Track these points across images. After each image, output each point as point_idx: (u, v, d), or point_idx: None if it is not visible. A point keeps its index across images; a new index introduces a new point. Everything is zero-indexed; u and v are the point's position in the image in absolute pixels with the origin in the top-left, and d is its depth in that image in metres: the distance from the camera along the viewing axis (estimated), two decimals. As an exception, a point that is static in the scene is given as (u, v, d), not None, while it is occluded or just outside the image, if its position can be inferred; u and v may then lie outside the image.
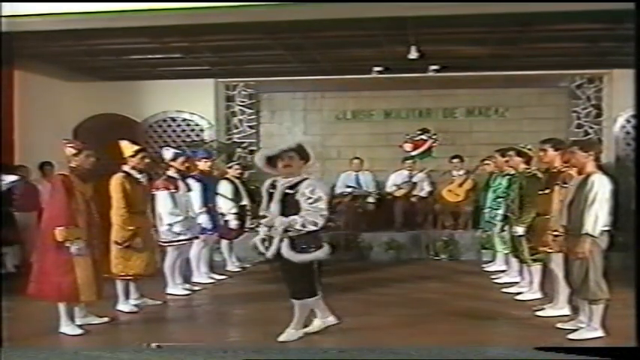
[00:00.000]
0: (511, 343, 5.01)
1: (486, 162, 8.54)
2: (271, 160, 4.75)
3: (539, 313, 5.70)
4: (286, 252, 4.66)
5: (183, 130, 10.90)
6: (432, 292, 6.97)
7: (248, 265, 8.70)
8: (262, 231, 4.84)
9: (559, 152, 5.69)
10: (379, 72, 10.05)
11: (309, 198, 4.62)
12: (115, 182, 5.86)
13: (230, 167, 8.49)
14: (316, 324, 5.09)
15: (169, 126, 10.99)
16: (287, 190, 4.69)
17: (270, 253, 4.74)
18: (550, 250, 5.57)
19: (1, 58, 6.86)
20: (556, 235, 5.24)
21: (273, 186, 4.81)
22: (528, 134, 9.40)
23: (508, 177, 7.04)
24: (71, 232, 5.03)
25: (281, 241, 4.67)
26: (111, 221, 5.83)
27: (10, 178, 8.44)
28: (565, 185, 5.34)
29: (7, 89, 9.13)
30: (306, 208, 4.61)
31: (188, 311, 6.26)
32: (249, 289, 7.28)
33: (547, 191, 5.66)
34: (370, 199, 9.98)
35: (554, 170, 5.67)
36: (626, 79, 6.91)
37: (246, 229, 8.56)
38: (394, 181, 10.05)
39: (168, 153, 7.06)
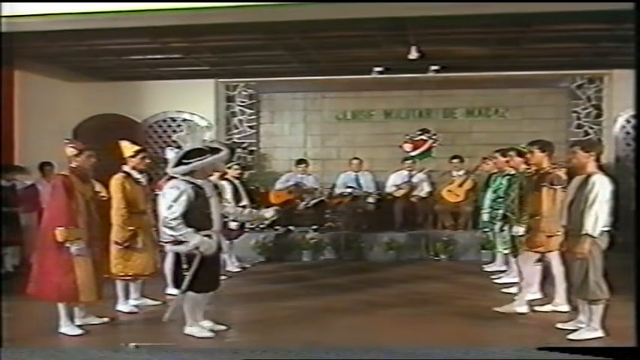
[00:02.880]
0: (511, 343, 5.01)
1: (486, 161, 8.54)
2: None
3: (538, 309, 5.79)
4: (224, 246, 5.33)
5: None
6: (431, 292, 6.97)
7: (248, 266, 8.72)
8: (179, 228, 4.86)
9: (546, 153, 5.77)
10: (379, 72, 10.05)
11: None
12: (115, 182, 5.86)
13: (229, 168, 8.49)
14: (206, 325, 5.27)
15: (169, 126, 10.99)
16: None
17: (214, 250, 5.00)
18: (543, 251, 5.66)
19: (1, 58, 6.86)
20: (549, 236, 5.31)
21: (201, 188, 4.98)
22: (528, 135, 9.38)
23: (508, 177, 7.04)
24: (71, 232, 5.02)
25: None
26: (111, 221, 5.83)
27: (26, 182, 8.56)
28: (553, 186, 5.43)
29: (7, 89, 9.14)
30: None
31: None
32: (248, 290, 7.28)
33: (536, 193, 5.72)
34: (370, 200, 9.97)
35: (543, 172, 5.72)
36: (626, 80, 6.92)
37: (246, 230, 8.58)
38: (394, 181, 10.05)
39: (171, 153, 7.05)
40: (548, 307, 5.82)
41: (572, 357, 4.47)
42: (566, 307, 5.70)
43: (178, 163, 4.99)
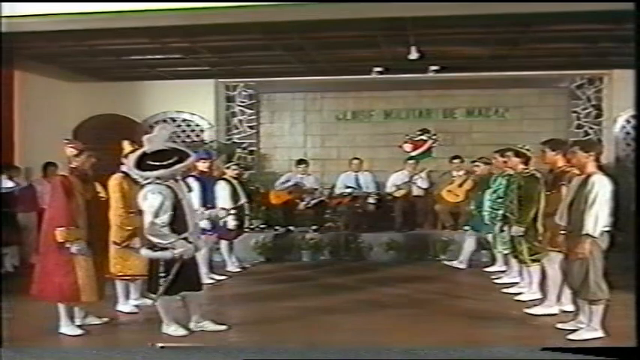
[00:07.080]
0: (511, 343, 5.01)
1: (477, 164, 8.53)
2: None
3: (529, 311, 5.77)
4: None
5: (184, 131, 10.89)
6: (432, 292, 6.97)
7: (248, 266, 8.72)
8: (168, 235, 4.85)
9: (557, 152, 5.70)
10: (379, 72, 10.05)
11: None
12: (114, 182, 5.85)
13: (228, 168, 8.49)
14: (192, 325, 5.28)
15: (170, 126, 10.98)
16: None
17: (193, 253, 4.99)
18: (559, 250, 5.56)
19: (1, 58, 6.86)
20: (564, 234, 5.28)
21: (174, 191, 4.95)
22: (528, 135, 9.40)
23: (507, 177, 7.04)
24: (71, 232, 5.03)
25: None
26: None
27: (9, 183, 8.53)
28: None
29: (7, 89, 9.14)
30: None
31: (188, 312, 6.25)
32: (248, 290, 7.29)
33: (554, 191, 5.65)
34: (370, 200, 9.97)
35: (558, 170, 5.68)
36: (626, 80, 6.90)
37: (246, 230, 8.59)
38: (394, 181, 10.04)
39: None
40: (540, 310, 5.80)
41: (572, 357, 4.47)
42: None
43: (141, 165, 4.93)
